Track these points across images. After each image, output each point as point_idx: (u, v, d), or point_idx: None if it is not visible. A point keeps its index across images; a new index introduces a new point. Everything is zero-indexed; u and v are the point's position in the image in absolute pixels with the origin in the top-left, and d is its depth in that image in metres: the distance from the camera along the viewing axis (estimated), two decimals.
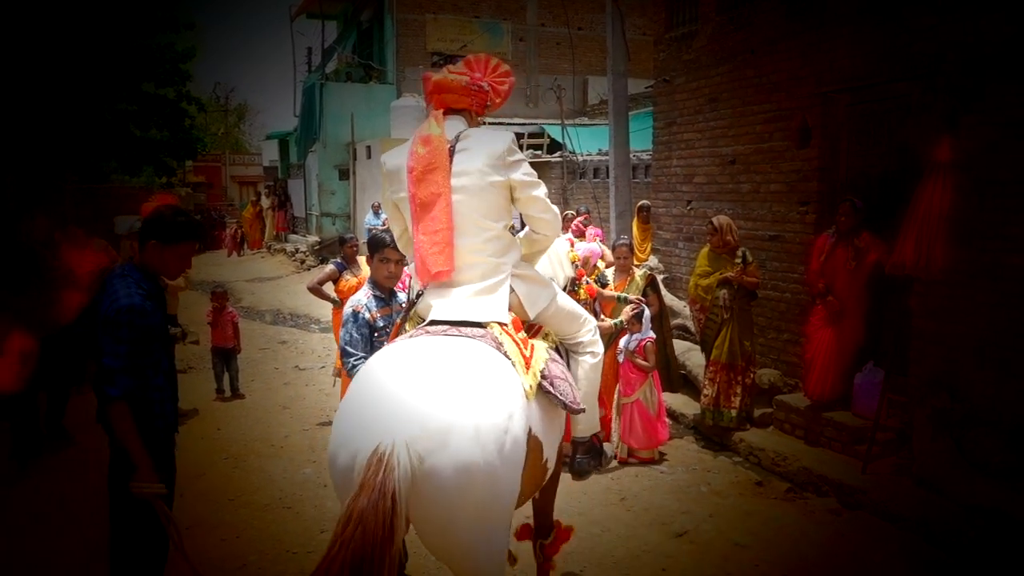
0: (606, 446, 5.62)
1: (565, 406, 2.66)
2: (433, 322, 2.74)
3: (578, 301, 3.79)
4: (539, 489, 2.85)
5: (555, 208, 2.98)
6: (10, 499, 4.98)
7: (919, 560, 4.18)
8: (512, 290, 2.80)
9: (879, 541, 4.40)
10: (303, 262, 18.71)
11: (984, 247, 4.67)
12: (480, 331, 2.63)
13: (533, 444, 2.50)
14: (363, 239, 14.69)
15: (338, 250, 7.15)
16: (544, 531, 3.45)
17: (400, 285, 3.92)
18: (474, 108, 2.94)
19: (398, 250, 3.38)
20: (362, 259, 7.18)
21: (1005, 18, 4.59)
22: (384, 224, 16.24)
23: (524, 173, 2.81)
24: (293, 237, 22.92)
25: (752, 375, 6.10)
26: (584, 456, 3.23)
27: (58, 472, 5.44)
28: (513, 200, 2.85)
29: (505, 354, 2.57)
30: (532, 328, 2.92)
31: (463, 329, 2.64)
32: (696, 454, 6.00)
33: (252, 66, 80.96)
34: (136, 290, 2.90)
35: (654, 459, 5.75)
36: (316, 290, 6.64)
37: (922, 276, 4.82)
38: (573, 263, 3.83)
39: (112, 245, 8.28)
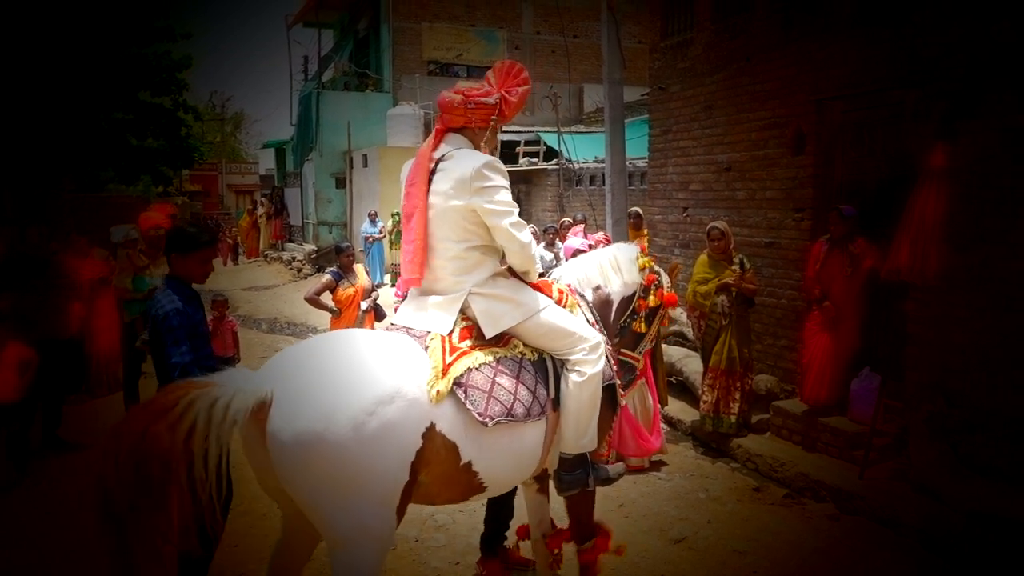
0: (618, 466, 5.57)
1: (476, 416, 2.69)
2: (392, 324, 3.05)
3: (650, 309, 3.69)
4: (473, 493, 2.86)
5: (524, 238, 2.90)
6: (12, 505, 4.98)
7: (917, 565, 4.19)
8: (469, 306, 2.89)
9: (877, 546, 4.41)
10: (300, 271, 18.71)
11: (986, 253, 4.66)
12: (421, 332, 2.85)
13: (440, 443, 2.61)
14: (359, 247, 14.71)
15: (334, 259, 7.16)
16: (581, 537, 3.49)
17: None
18: (474, 124, 2.99)
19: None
20: (359, 268, 7.17)
21: (1007, 24, 4.59)
22: (380, 232, 16.24)
23: (488, 201, 2.79)
24: (290, 246, 22.93)
25: (750, 381, 6.12)
26: (568, 472, 3.16)
27: (59, 478, 5.42)
28: None
29: (429, 356, 2.73)
30: (501, 338, 2.93)
31: (410, 329, 2.89)
32: (694, 460, 6.01)
33: (249, 75, 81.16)
34: (174, 296, 3.39)
35: (643, 467, 5.67)
36: (314, 300, 6.62)
37: (918, 282, 4.85)
38: (643, 269, 3.67)
39: (110, 254, 8.27)
